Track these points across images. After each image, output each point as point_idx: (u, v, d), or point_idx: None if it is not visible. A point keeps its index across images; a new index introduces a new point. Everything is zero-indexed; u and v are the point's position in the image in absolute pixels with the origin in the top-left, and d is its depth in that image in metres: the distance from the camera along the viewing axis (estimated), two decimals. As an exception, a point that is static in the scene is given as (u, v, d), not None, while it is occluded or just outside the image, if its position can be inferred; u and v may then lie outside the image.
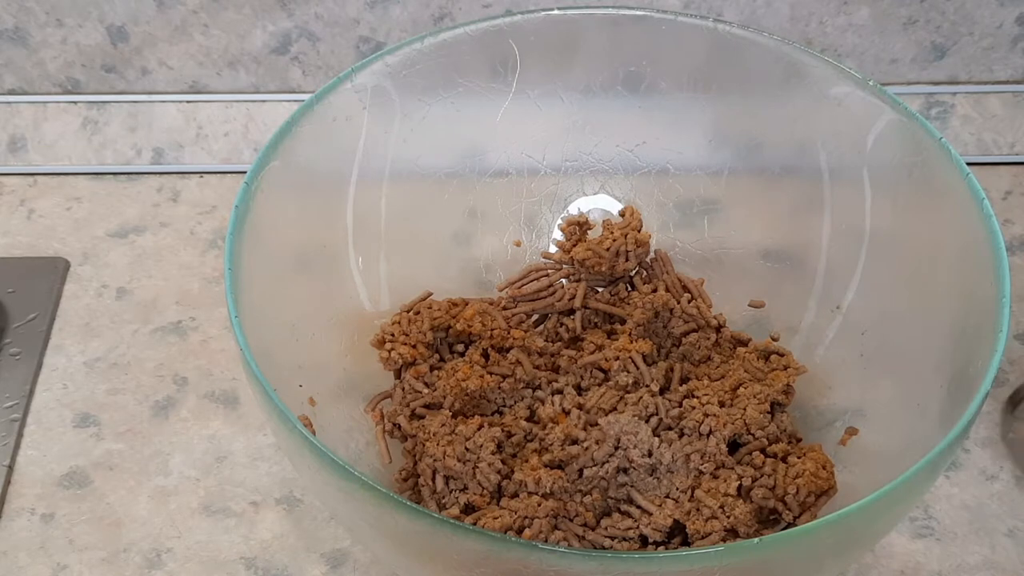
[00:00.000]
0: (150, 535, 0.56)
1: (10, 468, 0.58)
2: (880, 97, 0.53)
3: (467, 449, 0.51)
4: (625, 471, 0.51)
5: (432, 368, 0.55)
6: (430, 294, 0.58)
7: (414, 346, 0.55)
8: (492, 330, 0.56)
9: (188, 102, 0.73)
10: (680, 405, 0.53)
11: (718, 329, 0.58)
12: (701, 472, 0.51)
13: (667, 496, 0.50)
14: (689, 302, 0.57)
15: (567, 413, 0.53)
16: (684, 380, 0.56)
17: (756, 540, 0.40)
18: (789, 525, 0.50)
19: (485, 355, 0.56)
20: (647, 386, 0.54)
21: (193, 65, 0.72)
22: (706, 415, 0.52)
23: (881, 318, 0.55)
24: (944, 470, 0.56)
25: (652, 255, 0.59)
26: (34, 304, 0.65)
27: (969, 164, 0.50)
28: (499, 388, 0.54)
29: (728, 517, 0.49)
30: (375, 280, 0.58)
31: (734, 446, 0.53)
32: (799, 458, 0.51)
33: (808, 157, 0.58)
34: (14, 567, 0.55)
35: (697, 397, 0.53)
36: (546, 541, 0.49)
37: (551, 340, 0.58)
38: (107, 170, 0.72)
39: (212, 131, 0.73)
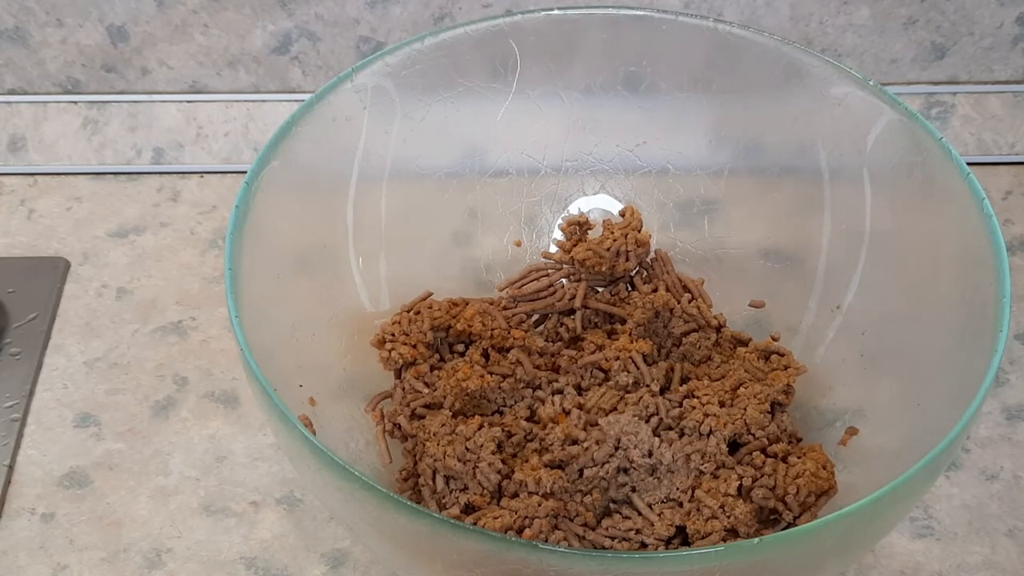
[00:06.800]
0: (150, 535, 0.56)
1: (10, 468, 0.58)
2: (880, 97, 0.54)
3: (467, 449, 0.51)
4: (625, 471, 0.51)
5: (432, 368, 0.55)
6: (430, 294, 0.58)
7: (414, 346, 0.55)
8: (492, 330, 0.56)
9: (188, 102, 0.73)
10: (680, 405, 0.53)
11: (718, 329, 0.58)
12: (701, 472, 0.51)
13: (667, 497, 0.50)
14: (689, 302, 0.57)
15: (567, 413, 0.53)
16: (684, 380, 0.56)
17: (756, 540, 0.40)
18: (789, 525, 0.50)
19: (485, 355, 0.56)
20: (647, 386, 0.54)
21: (193, 65, 0.72)
22: (706, 415, 0.52)
23: (881, 318, 0.55)
24: (944, 470, 0.56)
25: (652, 255, 0.59)
26: (34, 304, 0.65)
27: (969, 164, 0.50)
28: (499, 388, 0.54)
29: (728, 517, 0.49)
30: (375, 280, 0.58)
31: (734, 446, 0.53)
32: (799, 458, 0.51)
33: (808, 157, 0.58)
34: (14, 567, 0.55)
35: (697, 397, 0.53)
36: (546, 541, 0.49)
37: (551, 340, 0.58)
38: (107, 170, 0.72)
39: (212, 131, 0.73)
